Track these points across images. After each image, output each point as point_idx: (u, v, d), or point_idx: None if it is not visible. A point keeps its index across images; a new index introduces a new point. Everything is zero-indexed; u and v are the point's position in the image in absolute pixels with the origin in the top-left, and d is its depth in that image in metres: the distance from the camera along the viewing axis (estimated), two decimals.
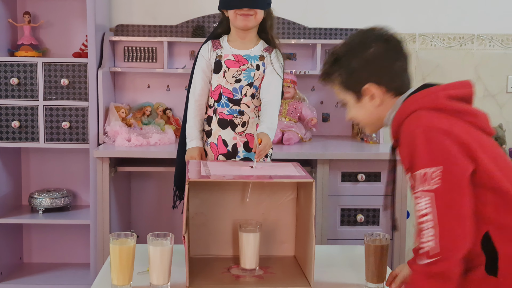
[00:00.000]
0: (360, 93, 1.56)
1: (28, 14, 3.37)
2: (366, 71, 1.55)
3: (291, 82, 3.41)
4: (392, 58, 1.55)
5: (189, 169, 1.97)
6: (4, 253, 3.35)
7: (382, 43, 1.56)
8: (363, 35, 1.60)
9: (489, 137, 1.51)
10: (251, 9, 2.46)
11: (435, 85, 1.53)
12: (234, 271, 1.92)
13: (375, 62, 1.54)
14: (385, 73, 1.55)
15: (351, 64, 1.56)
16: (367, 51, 1.55)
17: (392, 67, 1.55)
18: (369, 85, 1.54)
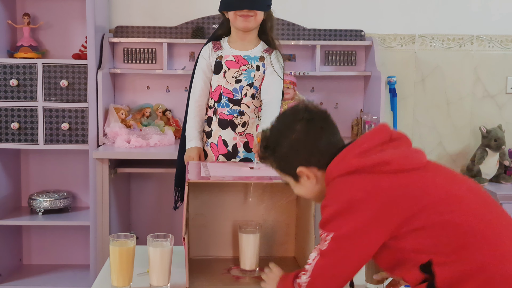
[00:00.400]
0: (295, 175, 1.60)
1: (28, 15, 3.37)
2: (293, 156, 1.59)
3: (291, 83, 3.41)
4: (315, 137, 1.58)
5: (189, 170, 1.97)
6: (3, 255, 3.35)
7: (303, 124, 1.58)
8: (287, 118, 1.63)
9: (415, 171, 1.50)
10: (251, 11, 2.46)
11: (348, 145, 1.56)
12: (234, 272, 1.92)
13: (300, 146, 1.58)
14: (311, 154, 1.57)
15: (279, 151, 1.61)
16: (291, 137, 1.58)
17: (317, 146, 1.57)
18: (300, 169, 1.58)
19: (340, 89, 3.62)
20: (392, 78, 3.56)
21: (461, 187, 1.52)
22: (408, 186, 1.47)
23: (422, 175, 1.50)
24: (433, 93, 3.67)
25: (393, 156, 1.49)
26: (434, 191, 1.48)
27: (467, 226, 1.44)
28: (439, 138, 3.71)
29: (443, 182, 1.51)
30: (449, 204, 1.46)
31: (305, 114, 1.60)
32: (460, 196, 1.49)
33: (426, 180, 1.50)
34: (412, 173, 1.50)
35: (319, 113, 1.63)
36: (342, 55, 3.58)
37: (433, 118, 3.69)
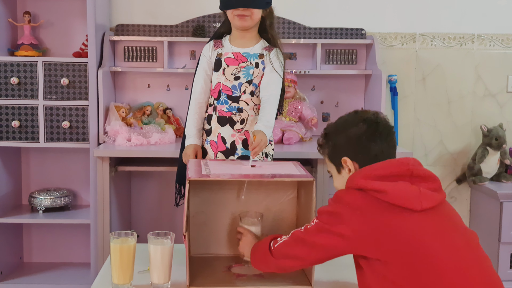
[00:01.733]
0: (340, 165, 1.72)
1: (28, 13, 3.37)
2: (345, 147, 1.71)
3: (292, 81, 3.41)
4: (371, 138, 1.68)
5: (190, 168, 1.97)
6: (4, 253, 3.35)
7: (365, 124, 1.70)
8: (353, 115, 1.76)
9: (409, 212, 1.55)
10: (247, 10, 2.47)
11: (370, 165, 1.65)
12: (234, 270, 1.92)
13: (354, 140, 1.69)
14: (361, 151, 1.68)
15: (335, 139, 1.74)
16: (350, 130, 1.71)
17: (368, 147, 1.67)
18: (345, 158, 1.70)
19: (340, 88, 3.62)
20: (393, 76, 3.55)
21: (450, 249, 1.52)
22: (392, 224, 1.54)
23: (412, 218, 1.54)
24: (434, 91, 3.67)
25: (392, 189, 1.56)
26: (413, 237, 1.52)
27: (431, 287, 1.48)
28: (440, 136, 3.71)
29: (430, 235, 1.53)
30: (422, 258, 1.50)
31: (373, 117, 1.72)
32: (440, 257, 1.50)
33: (412, 224, 1.54)
34: (404, 212, 1.55)
35: (385, 122, 1.73)
36: (343, 53, 3.58)
37: (434, 117, 3.69)
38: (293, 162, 2.08)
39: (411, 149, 3.67)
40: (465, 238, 1.57)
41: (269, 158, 2.60)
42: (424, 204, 1.55)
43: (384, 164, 1.63)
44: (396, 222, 1.53)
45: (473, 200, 3.69)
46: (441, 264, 1.49)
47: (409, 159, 1.64)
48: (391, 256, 1.52)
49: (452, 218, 1.61)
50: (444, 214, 1.59)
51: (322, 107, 3.63)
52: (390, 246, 1.52)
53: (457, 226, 1.59)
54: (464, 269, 1.51)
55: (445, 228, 1.56)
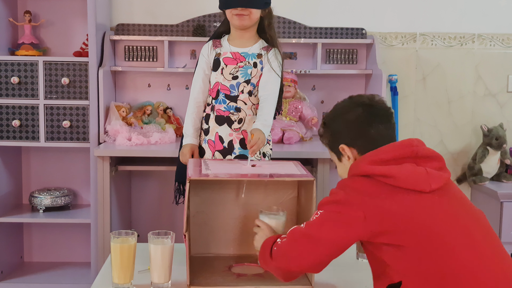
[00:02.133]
0: (340, 153, 1.70)
1: (29, 13, 3.37)
2: (342, 133, 1.69)
3: (292, 81, 3.41)
4: (367, 122, 1.65)
5: (190, 167, 1.97)
6: (4, 252, 3.35)
7: (359, 108, 1.67)
8: (347, 101, 1.74)
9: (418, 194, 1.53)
10: (246, 9, 2.48)
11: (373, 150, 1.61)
12: (235, 269, 1.92)
13: (350, 125, 1.67)
14: (358, 136, 1.65)
15: (332, 127, 1.73)
16: (345, 116, 1.69)
17: (365, 132, 1.64)
18: (342, 146, 1.67)
19: (341, 88, 3.62)
20: (393, 76, 3.56)
21: (455, 224, 1.51)
22: (403, 206, 1.51)
23: (422, 200, 1.52)
24: (434, 91, 3.67)
25: (400, 172, 1.53)
26: (426, 220, 1.50)
27: (440, 263, 1.46)
28: (440, 136, 3.71)
29: (441, 216, 1.51)
30: (435, 239, 1.48)
31: (367, 100, 1.69)
32: (444, 233, 1.49)
33: (423, 206, 1.52)
34: (413, 195, 1.52)
35: (381, 104, 1.69)
36: (343, 53, 3.58)
37: (434, 117, 3.69)
38: (293, 162, 2.08)
39: None
40: (474, 216, 1.56)
41: (267, 157, 2.60)
42: (433, 185, 1.53)
43: (388, 147, 1.59)
44: (407, 203, 1.51)
45: (473, 200, 3.69)
46: (453, 243, 1.47)
47: (413, 140, 1.61)
48: (405, 238, 1.48)
49: (460, 197, 1.60)
50: (452, 193, 1.58)
51: (322, 106, 3.63)
52: (404, 228, 1.48)
53: (465, 205, 1.58)
54: (476, 247, 1.48)
55: (454, 207, 1.55)
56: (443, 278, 1.45)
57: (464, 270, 1.45)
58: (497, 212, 3.32)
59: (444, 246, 1.47)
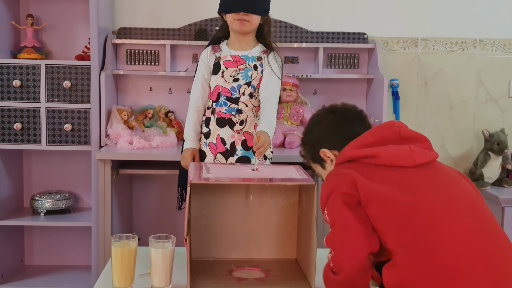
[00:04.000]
0: (322, 160, 1.73)
1: (31, 16, 3.38)
2: (320, 140, 1.73)
3: (293, 85, 3.41)
4: (340, 124, 1.71)
5: (191, 171, 1.97)
6: (5, 255, 3.35)
7: (333, 113, 1.74)
8: (320, 111, 1.80)
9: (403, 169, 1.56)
10: (247, 15, 2.50)
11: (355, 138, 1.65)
12: (235, 273, 1.92)
13: (326, 130, 1.73)
14: (336, 137, 1.70)
15: (310, 138, 1.78)
16: (320, 123, 1.75)
17: (343, 131, 1.69)
18: (323, 150, 1.71)
19: (342, 92, 3.62)
20: (394, 81, 3.56)
21: (441, 193, 1.51)
22: (389, 178, 1.53)
23: (406, 174, 1.54)
24: (435, 96, 3.67)
25: (383, 151, 1.57)
26: (412, 192, 1.50)
27: (425, 231, 1.45)
28: (442, 141, 3.71)
29: (422, 185, 1.52)
30: (415, 206, 1.48)
31: (340, 105, 1.75)
32: (431, 201, 1.49)
33: (407, 179, 1.53)
34: (398, 170, 1.55)
35: (353, 108, 1.74)
36: (345, 58, 3.58)
37: (436, 122, 3.69)
38: (294, 166, 2.08)
39: None
40: (462, 190, 1.56)
41: (268, 160, 2.62)
42: (417, 159, 1.57)
43: (371, 131, 1.64)
44: (391, 177, 1.54)
45: None
46: (435, 215, 1.47)
47: (394, 122, 1.65)
48: (390, 212, 1.49)
49: (448, 172, 1.61)
50: (438, 168, 1.60)
51: None
52: (388, 202, 1.50)
53: (454, 179, 1.58)
54: (459, 220, 1.48)
55: (440, 180, 1.56)
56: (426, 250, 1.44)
57: (445, 239, 1.44)
58: (499, 217, 3.32)
59: (426, 217, 1.47)
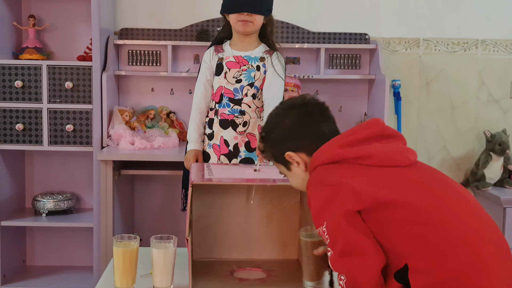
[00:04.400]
0: (287, 162, 1.62)
1: (33, 17, 3.38)
2: (283, 142, 1.61)
3: (295, 86, 3.41)
4: (305, 122, 1.60)
5: (193, 172, 1.97)
6: (7, 256, 3.35)
7: (294, 111, 1.61)
8: (279, 108, 1.67)
9: (399, 168, 1.49)
10: (250, 15, 2.49)
11: (336, 136, 1.56)
12: (237, 274, 1.92)
13: (289, 130, 1.60)
14: (301, 138, 1.59)
15: (271, 138, 1.64)
16: (282, 122, 1.62)
17: (306, 131, 1.59)
18: (288, 153, 1.59)
19: (344, 93, 3.62)
20: (396, 81, 3.55)
21: (448, 190, 1.48)
22: (390, 178, 1.45)
23: (405, 172, 1.48)
24: (437, 97, 3.67)
25: (377, 151, 1.49)
26: (416, 189, 1.44)
27: (447, 231, 1.38)
28: (443, 142, 3.70)
29: (428, 183, 1.48)
30: (430, 206, 1.41)
31: (299, 101, 1.63)
32: (444, 199, 1.44)
33: (409, 177, 1.47)
34: (395, 169, 1.48)
35: (313, 101, 1.64)
36: (347, 58, 3.58)
37: (438, 122, 3.69)
38: None
39: None
40: (457, 185, 1.53)
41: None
42: (410, 157, 1.51)
43: (356, 128, 1.55)
44: (392, 177, 1.45)
45: None
46: (457, 213, 1.41)
47: (377, 119, 1.58)
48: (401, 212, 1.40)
49: (434, 168, 1.57)
50: (427, 166, 1.57)
51: None
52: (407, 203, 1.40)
53: (444, 175, 1.55)
54: (473, 215, 1.43)
55: (439, 177, 1.52)
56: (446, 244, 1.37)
57: (465, 234, 1.38)
58: (500, 218, 3.32)
59: (443, 212, 1.40)
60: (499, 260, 1.40)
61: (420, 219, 1.40)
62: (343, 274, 1.44)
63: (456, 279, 1.35)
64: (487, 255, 1.38)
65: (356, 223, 1.43)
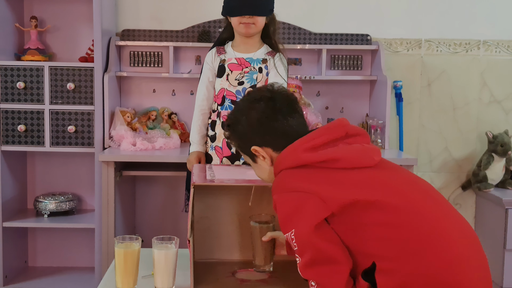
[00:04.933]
0: (253, 155, 1.61)
1: (35, 18, 3.39)
2: (249, 135, 1.60)
3: (296, 87, 3.41)
4: (272, 117, 1.57)
5: (194, 173, 1.97)
6: (9, 257, 3.35)
7: (262, 103, 1.59)
8: (246, 98, 1.65)
9: (366, 169, 1.49)
10: (252, 17, 2.49)
11: (301, 138, 1.54)
12: (239, 275, 1.92)
13: (256, 124, 1.58)
14: (266, 133, 1.58)
15: (238, 130, 1.62)
16: (249, 115, 1.59)
17: (273, 127, 1.57)
18: (254, 147, 1.59)
19: (346, 94, 3.62)
20: (398, 82, 3.55)
21: (414, 189, 1.48)
22: (357, 181, 1.45)
23: (373, 173, 1.48)
24: (439, 98, 3.67)
25: (343, 154, 1.48)
26: (383, 191, 1.44)
27: (416, 230, 1.39)
28: (445, 143, 3.70)
29: (395, 183, 1.48)
30: (398, 206, 1.41)
31: (267, 93, 1.61)
32: (411, 198, 1.44)
33: (376, 178, 1.47)
34: (363, 170, 1.48)
35: (281, 93, 1.61)
36: (348, 59, 3.58)
37: (439, 123, 3.69)
38: None
39: (415, 155, 3.66)
40: (422, 180, 1.54)
41: None
42: (375, 157, 1.51)
43: (320, 131, 1.53)
44: (361, 179, 1.46)
45: (478, 207, 3.68)
46: (425, 210, 1.42)
47: (341, 120, 1.56)
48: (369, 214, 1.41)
49: (399, 168, 1.58)
50: (391, 164, 1.57)
51: (327, 112, 3.63)
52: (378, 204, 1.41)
53: (407, 171, 1.56)
54: (443, 211, 1.45)
55: (405, 175, 1.53)
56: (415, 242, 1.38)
57: (434, 230, 1.39)
58: (502, 219, 3.31)
59: (412, 210, 1.41)
60: (471, 254, 1.41)
61: (389, 220, 1.40)
62: (313, 281, 1.46)
63: (426, 277, 1.36)
64: (458, 249, 1.39)
65: (324, 233, 1.44)
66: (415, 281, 1.36)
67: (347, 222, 1.43)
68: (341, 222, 1.44)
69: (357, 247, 1.44)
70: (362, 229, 1.42)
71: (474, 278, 1.38)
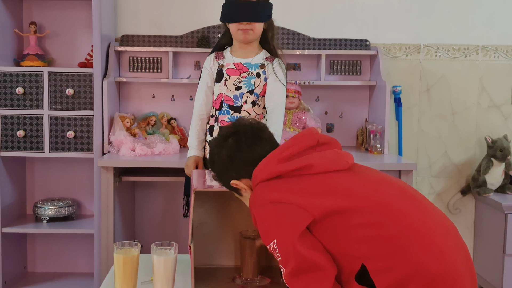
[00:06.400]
0: (237, 189, 1.67)
1: (34, 24, 3.39)
2: (226, 172, 1.67)
3: (296, 92, 3.41)
4: (240, 149, 1.64)
5: (194, 178, 1.97)
6: (8, 262, 3.35)
7: (230, 140, 1.66)
8: (217, 138, 1.72)
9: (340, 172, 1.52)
10: (250, 24, 2.49)
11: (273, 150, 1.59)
12: (238, 281, 1.91)
13: (228, 162, 1.65)
14: (240, 166, 1.64)
15: (216, 170, 1.71)
16: (221, 154, 1.67)
17: (242, 158, 1.63)
18: (233, 182, 1.65)
19: (345, 99, 3.62)
20: (397, 87, 3.56)
21: (391, 188, 1.51)
22: (333, 185, 1.48)
23: (347, 176, 1.51)
24: (438, 103, 3.67)
25: (316, 160, 1.52)
26: (361, 192, 1.47)
27: (399, 227, 1.42)
28: (445, 148, 3.70)
29: (371, 183, 1.51)
30: (378, 206, 1.44)
31: (231, 129, 1.68)
32: (390, 197, 1.48)
33: (352, 181, 1.50)
34: (338, 174, 1.51)
35: (245, 127, 1.68)
36: (347, 64, 3.58)
37: (439, 128, 3.69)
38: None
39: (415, 160, 3.66)
40: (396, 179, 1.57)
41: None
42: (348, 161, 1.54)
43: (292, 142, 1.58)
44: (337, 182, 1.49)
45: (477, 211, 3.68)
46: (403, 207, 1.45)
47: (311, 129, 1.61)
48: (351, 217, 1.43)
49: (373, 170, 1.61)
50: (364, 167, 1.60)
51: (326, 117, 3.63)
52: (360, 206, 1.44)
53: (382, 175, 1.58)
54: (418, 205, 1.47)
55: (380, 176, 1.56)
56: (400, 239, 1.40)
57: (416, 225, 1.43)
58: (502, 224, 3.31)
59: (391, 208, 1.44)
60: (453, 244, 1.45)
61: (371, 220, 1.43)
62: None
63: (418, 270, 1.39)
64: (442, 241, 1.43)
65: (307, 241, 1.46)
66: (412, 274, 1.38)
67: (329, 227, 1.46)
68: (322, 228, 1.46)
69: (342, 251, 1.45)
70: (345, 232, 1.44)
71: (461, 267, 1.42)
